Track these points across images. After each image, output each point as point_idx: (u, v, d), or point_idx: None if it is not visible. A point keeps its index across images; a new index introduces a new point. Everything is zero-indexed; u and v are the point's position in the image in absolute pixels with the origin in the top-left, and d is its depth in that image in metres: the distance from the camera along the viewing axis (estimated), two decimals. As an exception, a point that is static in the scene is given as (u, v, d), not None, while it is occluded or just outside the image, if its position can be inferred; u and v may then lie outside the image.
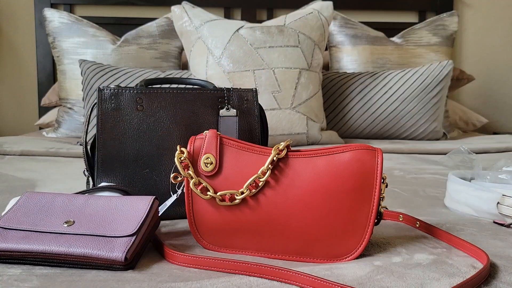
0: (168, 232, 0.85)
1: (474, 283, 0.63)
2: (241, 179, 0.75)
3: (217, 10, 2.53)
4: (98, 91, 0.91)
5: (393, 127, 2.02)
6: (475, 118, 2.36)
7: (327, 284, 0.62)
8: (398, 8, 2.60)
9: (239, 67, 1.83)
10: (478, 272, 0.64)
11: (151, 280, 0.64)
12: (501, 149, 1.79)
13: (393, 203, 1.06)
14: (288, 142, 0.75)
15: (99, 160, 0.90)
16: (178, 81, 1.03)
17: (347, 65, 2.33)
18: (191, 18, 1.94)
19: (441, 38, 2.37)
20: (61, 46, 2.15)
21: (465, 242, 0.76)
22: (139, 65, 2.13)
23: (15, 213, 0.74)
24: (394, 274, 0.67)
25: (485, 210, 0.94)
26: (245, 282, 0.64)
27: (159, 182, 0.91)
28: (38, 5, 2.45)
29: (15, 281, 0.63)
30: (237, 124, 0.95)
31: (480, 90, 2.77)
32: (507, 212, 0.90)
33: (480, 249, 0.72)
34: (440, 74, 2.02)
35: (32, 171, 1.38)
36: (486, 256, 0.69)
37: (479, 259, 0.72)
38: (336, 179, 0.73)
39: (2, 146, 1.67)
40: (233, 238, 0.76)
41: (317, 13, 1.98)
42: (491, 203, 0.93)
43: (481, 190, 0.95)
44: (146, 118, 0.91)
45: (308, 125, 1.82)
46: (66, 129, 2.06)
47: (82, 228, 0.70)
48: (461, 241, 0.77)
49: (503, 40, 2.73)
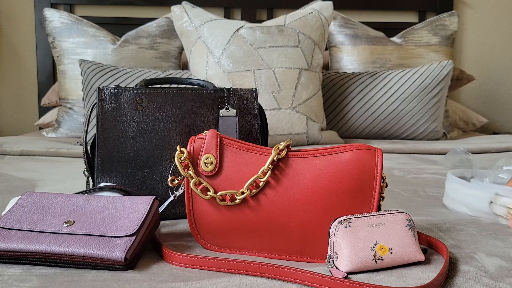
0: (168, 232, 0.85)
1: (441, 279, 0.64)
2: (241, 179, 0.75)
3: (217, 10, 2.53)
4: (98, 91, 0.91)
5: (393, 127, 2.02)
6: (475, 118, 2.35)
7: (329, 280, 0.62)
8: (398, 8, 2.60)
9: (239, 67, 1.83)
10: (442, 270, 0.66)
11: (151, 280, 0.64)
12: (501, 149, 1.79)
13: (393, 203, 1.06)
14: (288, 142, 0.75)
15: (99, 160, 0.90)
16: (178, 81, 1.03)
17: (347, 65, 2.33)
18: (191, 18, 1.94)
19: (441, 38, 2.37)
20: (61, 46, 2.15)
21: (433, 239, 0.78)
22: (139, 65, 2.13)
23: (15, 213, 0.74)
24: (394, 274, 0.67)
25: (479, 209, 0.94)
26: (245, 282, 0.64)
27: (159, 182, 0.91)
28: (38, 5, 2.45)
29: (15, 281, 0.63)
30: (237, 124, 0.95)
31: (480, 90, 2.77)
32: (500, 211, 0.90)
33: (439, 241, 0.76)
34: (440, 74, 2.02)
35: (32, 171, 1.38)
36: (445, 248, 0.72)
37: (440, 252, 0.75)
38: (336, 179, 0.73)
39: (2, 146, 1.67)
40: (233, 238, 0.76)
41: (317, 13, 1.98)
42: (485, 202, 0.92)
43: (476, 188, 0.95)
44: (146, 118, 0.91)
45: (308, 125, 1.82)
46: (66, 129, 2.06)
47: (82, 228, 0.70)
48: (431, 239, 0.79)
49: (503, 40, 2.73)
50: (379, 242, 0.68)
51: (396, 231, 0.69)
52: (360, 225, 0.68)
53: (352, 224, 0.68)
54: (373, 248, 0.68)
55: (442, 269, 0.65)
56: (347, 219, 0.69)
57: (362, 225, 0.69)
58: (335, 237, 0.68)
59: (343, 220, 0.68)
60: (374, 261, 0.67)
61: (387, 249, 0.68)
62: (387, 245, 0.68)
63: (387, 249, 0.68)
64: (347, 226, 0.68)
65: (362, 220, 0.69)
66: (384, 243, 0.68)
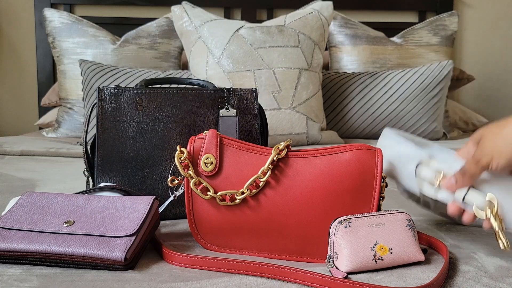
0: (168, 233, 0.85)
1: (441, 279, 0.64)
2: (241, 179, 0.75)
3: (217, 10, 2.53)
4: (98, 91, 0.91)
5: (393, 127, 2.02)
6: (475, 118, 2.35)
7: (329, 280, 0.62)
8: (398, 8, 2.59)
9: (239, 67, 1.83)
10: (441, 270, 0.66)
11: (151, 280, 0.64)
12: (501, 149, 1.78)
13: (393, 203, 1.06)
14: (288, 142, 0.76)
15: (99, 160, 0.90)
16: (178, 81, 1.03)
17: (347, 65, 2.32)
18: (191, 18, 1.94)
19: (441, 38, 2.37)
20: (61, 46, 2.15)
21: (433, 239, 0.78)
22: (139, 65, 2.13)
23: (15, 213, 0.74)
24: (394, 274, 0.67)
25: (406, 175, 0.76)
26: (245, 282, 0.64)
27: (159, 182, 0.91)
28: (38, 5, 2.45)
29: (15, 281, 0.63)
30: (237, 124, 0.95)
31: (480, 90, 2.77)
32: (426, 174, 0.73)
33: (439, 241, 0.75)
34: (440, 74, 2.02)
35: (32, 171, 1.38)
36: (445, 248, 0.72)
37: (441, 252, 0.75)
38: (336, 179, 0.73)
39: (2, 146, 1.67)
40: (233, 238, 0.76)
41: (317, 13, 1.98)
42: (413, 164, 0.74)
43: (408, 147, 0.76)
44: (146, 118, 0.91)
45: (308, 125, 1.82)
46: (66, 129, 2.06)
47: (82, 228, 0.70)
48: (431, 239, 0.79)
49: (503, 40, 2.73)
50: (379, 242, 0.68)
51: (396, 231, 0.69)
52: (360, 225, 0.68)
53: (352, 224, 0.68)
54: (373, 248, 0.68)
55: (442, 269, 0.65)
56: (347, 219, 0.69)
57: (362, 225, 0.69)
58: (335, 237, 0.68)
59: (343, 220, 0.68)
60: (374, 261, 0.67)
61: (387, 249, 0.68)
62: (387, 245, 0.68)
63: (387, 249, 0.68)
64: (347, 226, 0.68)
65: (362, 220, 0.69)
66: (384, 243, 0.68)
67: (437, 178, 0.72)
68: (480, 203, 0.70)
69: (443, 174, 0.72)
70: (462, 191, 0.71)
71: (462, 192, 0.71)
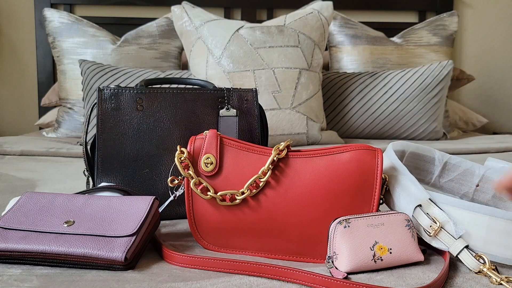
0: (168, 232, 0.85)
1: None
2: (241, 179, 0.75)
3: (217, 10, 2.53)
4: (98, 91, 0.91)
5: (393, 127, 2.02)
6: (475, 118, 2.35)
7: (328, 281, 0.62)
8: (398, 8, 2.59)
9: (239, 67, 1.83)
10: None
11: (151, 280, 0.64)
12: (501, 149, 1.79)
13: (393, 203, 1.06)
14: (288, 142, 0.76)
15: (99, 160, 0.90)
16: (178, 81, 1.03)
17: (347, 65, 2.33)
18: (191, 18, 1.94)
19: (441, 38, 2.37)
20: (61, 46, 2.15)
21: None
22: (139, 65, 2.13)
23: (15, 213, 0.74)
24: (394, 274, 0.67)
25: (401, 207, 0.75)
26: (245, 282, 0.65)
27: (158, 182, 0.91)
28: (38, 5, 2.45)
29: (15, 281, 0.63)
30: (237, 124, 0.95)
31: (480, 90, 2.77)
32: (423, 221, 0.72)
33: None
34: (440, 74, 2.02)
35: (32, 171, 1.38)
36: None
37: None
38: (336, 179, 0.73)
39: (2, 146, 1.67)
40: (233, 238, 0.76)
41: (317, 13, 1.98)
42: (413, 204, 0.73)
43: (411, 181, 0.75)
44: (146, 118, 0.91)
45: (308, 125, 1.82)
46: (66, 129, 2.06)
47: (82, 228, 0.70)
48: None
49: (503, 40, 2.73)
50: (378, 242, 0.68)
51: (396, 231, 0.70)
52: (359, 225, 0.68)
53: (351, 224, 0.68)
54: (373, 248, 0.68)
55: (443, 269, 0.65)
56: (346, 219, 0.69)
57: (361, 225, 0.69)
58: (335, 237, 0.68)
59: (342, 220, 0.68)
60: (373, 261, 0.67)
61: (386, 249, 0.68)
62: (387, 245, 0.68)
63: (387, 249, 0.68)
64: (346, 226, 0.68)
65: (361, 220, 0.69)
66: (383, 243, 0.68)
67: (432, 228, 0.70)
68: (472, 265, 0.68)
69: (440, 225, 0.70)
70: (458, 247, 0.69)
71: (457, 248, 0.69)
